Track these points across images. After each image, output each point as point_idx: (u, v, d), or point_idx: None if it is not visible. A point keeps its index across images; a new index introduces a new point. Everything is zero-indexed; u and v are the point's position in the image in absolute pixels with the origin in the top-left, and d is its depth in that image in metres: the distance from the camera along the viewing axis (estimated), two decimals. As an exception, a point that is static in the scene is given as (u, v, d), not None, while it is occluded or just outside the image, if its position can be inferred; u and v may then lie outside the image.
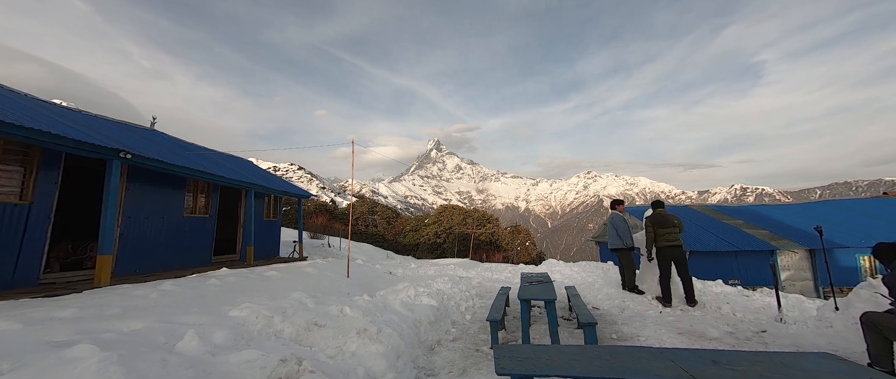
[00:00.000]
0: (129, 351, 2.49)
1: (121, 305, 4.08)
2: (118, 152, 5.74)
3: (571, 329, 4.99)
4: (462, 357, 3.98)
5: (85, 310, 3.73)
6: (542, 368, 1.96)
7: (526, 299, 4.46)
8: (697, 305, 5.71)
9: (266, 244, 11.19)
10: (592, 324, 3.93)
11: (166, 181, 7.53)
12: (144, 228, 7.02)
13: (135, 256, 6.75)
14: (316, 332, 3.58)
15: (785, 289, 11.15)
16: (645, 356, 2.12)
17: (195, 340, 2.85)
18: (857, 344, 3.62)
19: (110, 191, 5.75)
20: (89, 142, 5.31)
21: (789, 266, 11.93)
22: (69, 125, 5.97)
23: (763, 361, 2.02)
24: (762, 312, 5.26)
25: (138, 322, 3.28)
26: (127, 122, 9.50)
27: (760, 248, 11.84)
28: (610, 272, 11.79)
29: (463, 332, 4.94)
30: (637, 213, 16.65)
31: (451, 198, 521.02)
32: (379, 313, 4.33)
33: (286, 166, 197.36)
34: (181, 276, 6.60)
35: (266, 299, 4.69)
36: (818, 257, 11.70)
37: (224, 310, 3.94)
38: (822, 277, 11.56)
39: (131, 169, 6.74)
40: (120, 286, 5.19)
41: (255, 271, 7.28)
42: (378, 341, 3.48)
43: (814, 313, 4.61)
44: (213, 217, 8.89)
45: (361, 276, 8.65)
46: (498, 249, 30.23)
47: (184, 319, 3.57)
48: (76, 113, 8.01)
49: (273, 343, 3.25)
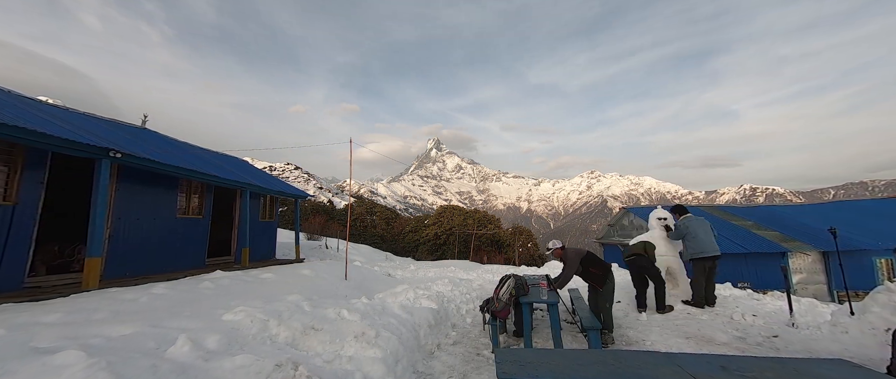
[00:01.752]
0: (117, 357, 2.48)
1: (110, 309, 4.06)
2: (108, 151, 5.72)
3: (575, 333, 4.98)
4: (462, 362, 3.97)
5: (72, 314, 3.71)
6: (544, 373, 1.94)
7: (528, 303, 4.45)
8: (706, 308, 5.71)
9: (262, 246, 11.18)
10: (596, 328, 3.93)
11: (158, 181, 7.52)
12: (135, 230, 7.01)
13: (125, 258, 6.74)
14: (312, 336, 3.58)
15: (797, 292, 11.11)
16: (651, 361, 2.10)
17: (187, 346, 2.84)
18: (873, 350, 3.60)
19: (99, 191, 5.74)
20: (77, 140, 5.29)
21: (802, 269, 11.89)
22: (56, 123, 5.96)
23: (774, 368, 2.00)
24: (773, 316, 5.24)
25: (128, 327, 3.28)
26: (117, 121, 9.50)
27: (771, 250, 11.82)
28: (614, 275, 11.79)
29: (463, 335, 4.93)
30: (642, 213, 16.65)
31: (451, 198, 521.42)
32: (377, 317, 4.32)
33: (282, 166, 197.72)
34: (173, 278, 6.59)
35: (261, 303, 4.68)
36: (832, 260, 11.65)
37: (218, 314, 3.93)
38: (836, 280, 11.52)
39: (122, 168, 6.73)
40: (109, 290, 5.18)
41: (251, 274, 7.27)
42: (376, 346, 3.47)
43: (828, 318, 4.58)
44: (206, 218, 8.89)
45: (359, 278, 8.64)
46: (499, 250, 30.20)
47: (176, 323, 3.56)
48: (63, 110, 8.01)
49: (268, 348, 3.24)
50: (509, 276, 4.79)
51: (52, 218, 6.86)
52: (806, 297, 7.27)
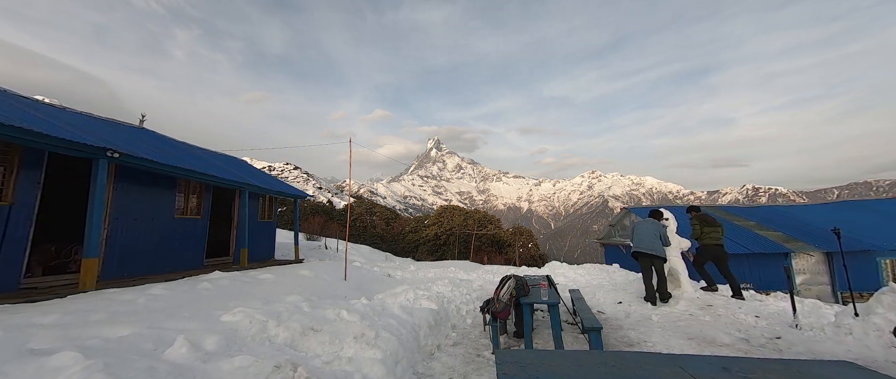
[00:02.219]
0: (114, 359, 2.48)
1: (107, 310, 4.07)
2: (105, 151, 5.73)
3: (576, 334, 4.98)
4: (463, 363, 3.97)
5: (68, 316, 3.71)
6: (545, 375, 1.94)
7: (529, 303, 4.45)
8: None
9: (261, 246, 11.19)
10: (598, 329, 3.92)
11: (156, 181, 7.53)
12: (133, 230, 7.01)
13: (122, 259, 6.75)
14: (312, 337, 3.58)
15: (800, 293, 11.10)
16: (652, 362, 2.10)
17: (185, 347, 2.84)
18: (878, 352, 3.60)
19: (97, 191, 5.75)
20: (74, 140, 5.30)
21: (805, 269, 11.87)
22: (53, 123, 5.97)
23: (777, 369, 1.99)
24: (776, 317, 5.24)
25: (125, 328, 3.28)
26: (115, 120, 9.51)
27: (774, 250, 11.80)
28: (615, 275, 11.77)
29: (464, 336, 4.93)
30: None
31: (451, 198, 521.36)
32: (377, 317, 4.32)
33: (282, 166, 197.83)
34: (171, 279, 6.59)
35: (260, 303, 4.68)
36: (836, 260, 11.63)
37: (216, 315, 3.93)
38: (840, 281, 11.49)
39: (119, 168, 6.74)
40: (106, 291, 5.19)
41: (249, 274, 7.27)
42: (376, 346, 3.47)
43: (832, 319, 4.57)
44: (205, 218, 8.90)
45: (359, 278, 8.65)
46: (500, 250, 30.19)
47: (173, 324, 3.56)
48: (60, 110, 8.02)
49: (267, 349, 3.24)
50: (510, 276, 4.78)
51: (48, 218, 6.85)
52: (809, 298, 7.27)
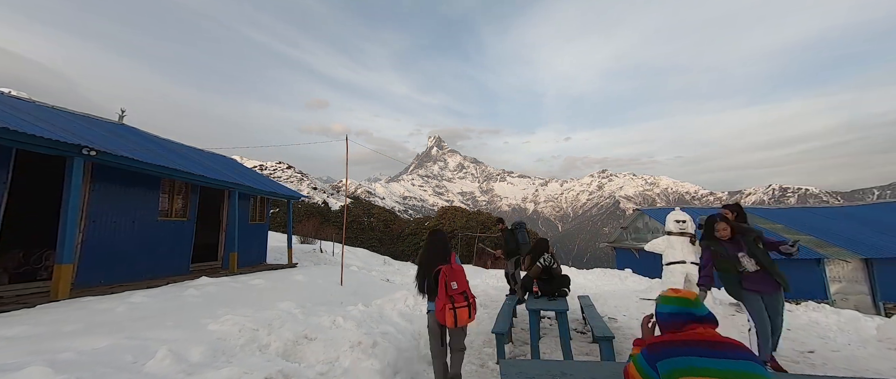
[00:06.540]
0: (89, 373, 2.45)
1: (82, 320, 4.04)
2: (80, 149, 5.68)
3: (586, 343, 4.93)
4: (466, 373, 3.94)
5: (39, 327, 3.68)
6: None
7: (535, 310, 4.40)
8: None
9: (251, 250, 11.18)
10: (609, 338, 3.86)
11: (137, 181, 7.51)
12: (111, 234, 6.99)
13: (100, 264, 6.72)
14: (305, 346, 3.56)
15: (835, 303, 10.82)
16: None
17: (168, 359, 2.82)
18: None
19: (71, 192, 5.70)
20: (46, 137, 5.23)
21: (840, 277, 11.53)
22: (22, 118, 5.93)
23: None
24: (808, 329, 5.16)
25: (102, 339, 3.25)
26: (92, 116, 9.52)
27: (805, 256, 11.51)
28: (627, 280, 11.71)
29: (466, 345, 4.90)
30: (658, 215, 16.52)
31: (453, 199, 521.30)
32: (375, 325, 4.30)
33: (274, 164, 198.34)
34: (154, 286, 6.58)
35: (251, 311, 4.67)
36: (878, 267, 11.26)
37: (203, 323, 3.91)
38: (882, 290, 11.15)
39: (96, 168, 6.70)
40: (81, 299, 5.17)
41: (239, 280, 7.27)
42: (373, 355, 3.45)
43: (873, 333, 4.49)
44: (191, 221, 8.88)
45: (356, 283, 8.64)
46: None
47: (156, 334, 3.54)
48: (30, 104, 8.00)
49: (257, 359, 3.21)
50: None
51: (16, 221, 6.82)
52: (846, 308, 7.12)
